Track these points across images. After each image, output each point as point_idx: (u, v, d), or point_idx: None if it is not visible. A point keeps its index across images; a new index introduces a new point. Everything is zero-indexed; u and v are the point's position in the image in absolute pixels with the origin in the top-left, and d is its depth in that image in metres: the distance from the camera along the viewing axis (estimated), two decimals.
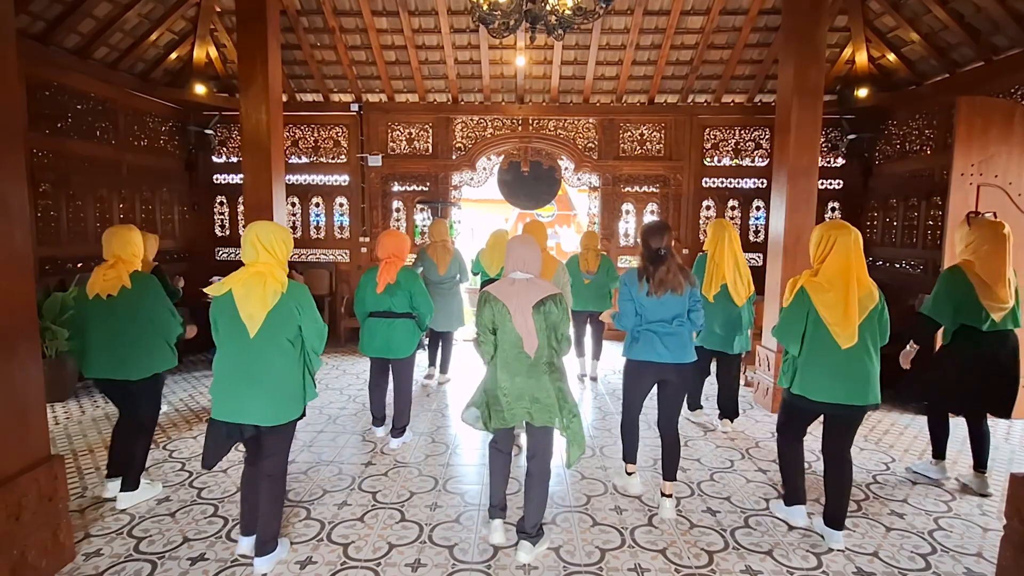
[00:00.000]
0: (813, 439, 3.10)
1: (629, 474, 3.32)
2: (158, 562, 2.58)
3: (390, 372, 4.03)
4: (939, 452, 3.53)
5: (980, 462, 3.37)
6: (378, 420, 4.10)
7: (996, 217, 4.02)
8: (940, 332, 3.41)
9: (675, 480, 3.10)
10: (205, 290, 2.53)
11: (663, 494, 3.06)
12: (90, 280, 2.99)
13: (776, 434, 3.05)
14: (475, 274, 5.45)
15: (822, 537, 2.81)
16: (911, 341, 3.41)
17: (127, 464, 3.08)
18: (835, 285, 2.60)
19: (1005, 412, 3.25)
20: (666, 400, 3.11)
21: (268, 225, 2.50)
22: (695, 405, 4.50)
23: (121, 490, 3.07)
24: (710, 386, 4.70)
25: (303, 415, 2.57)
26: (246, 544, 2.60)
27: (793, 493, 2.97)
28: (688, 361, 3.03)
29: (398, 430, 3.95)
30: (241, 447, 2.66)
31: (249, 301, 2.37)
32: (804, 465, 2.99)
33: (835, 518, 2.76)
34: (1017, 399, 3.25)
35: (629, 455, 3.30)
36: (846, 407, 2.65)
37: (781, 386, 2.86)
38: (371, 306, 3.86)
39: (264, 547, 2.51)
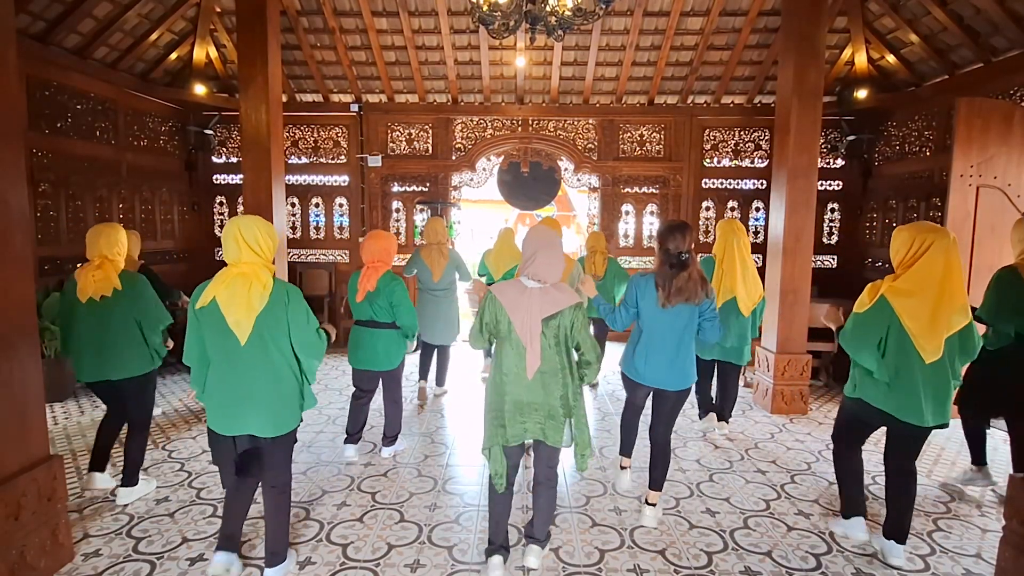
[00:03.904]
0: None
1: (622, 468, 3.36)
2: (157, 562, 2.58)
3: (374, 387, 3.77)
4: None
5: None
6: (352, 437, 3.71)
7: None
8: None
9: (660, 491, 2.99)
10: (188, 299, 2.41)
11: (647, 502, 2.97)
12: (79, 283, 2.96)
13: (832, 442, 2.85)
14: (481, 276, 5.24)
15: (880, 554, 2.65)
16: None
17: (124, 461, 3.14)
18: (922, 290, 2.30)
19: None
20: (662, 414, 2.99)
21: (251, 219, 2.31)
22: (706, 412, 4.27)
23: (120, 486, 3.13)
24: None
25: (299, 422, 2.48)
26: (221, 561, 2.41)
27: (851, 504, 2.71)
28: (688, 387, 2.91)
29: (389, 439, 3.79)
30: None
31: (234, 306, 2.21)
32: (863, 474, 2.77)
33: (900, 530, 2.60)
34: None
35: (625, 448, 3.34)
36: (924, 428, 2.44)
37: (848, 395, 2.63)
38: (355, 314, 3.63)
39: (274, 558, 2.44)
